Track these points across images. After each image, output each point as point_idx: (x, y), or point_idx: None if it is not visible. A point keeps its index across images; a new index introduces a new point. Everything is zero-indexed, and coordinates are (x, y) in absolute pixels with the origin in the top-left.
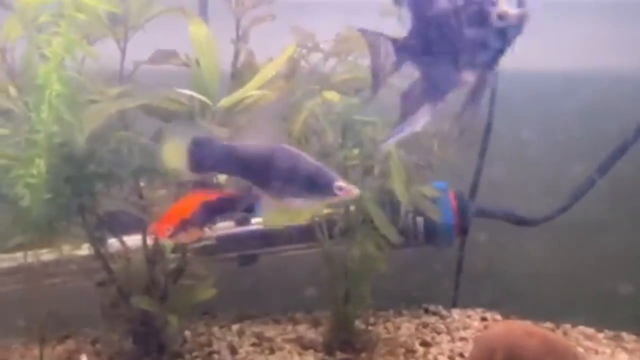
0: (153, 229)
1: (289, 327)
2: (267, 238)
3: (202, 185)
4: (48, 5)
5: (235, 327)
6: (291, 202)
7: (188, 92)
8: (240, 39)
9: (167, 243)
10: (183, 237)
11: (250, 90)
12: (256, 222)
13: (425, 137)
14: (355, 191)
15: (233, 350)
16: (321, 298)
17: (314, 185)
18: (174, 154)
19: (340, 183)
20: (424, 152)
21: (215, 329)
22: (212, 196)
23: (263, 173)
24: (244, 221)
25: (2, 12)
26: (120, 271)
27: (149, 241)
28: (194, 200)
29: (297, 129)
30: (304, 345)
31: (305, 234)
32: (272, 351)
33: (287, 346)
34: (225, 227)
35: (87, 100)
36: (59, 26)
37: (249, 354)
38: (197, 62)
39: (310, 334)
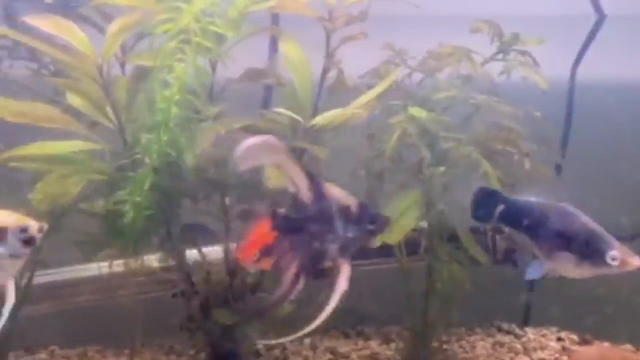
0: (239, 255)
1: (360, 343)
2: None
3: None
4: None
5: (307, 341)
6: (561, 265)
7: (284, 111)
8: (329, 55)
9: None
10: (267, 263)
11: (353, 110)
12: None
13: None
14: (636, 263)
15: None
16: (390, 314)
17: (586, 250)
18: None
19: (615, 252)
20: (514, 170)
21: (287, 343)
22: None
23: (539, 230)
24: None
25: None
26: (201, 283)
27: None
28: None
29: (391, 147)
30: None
31: (380, 250)
32: None
33: None
34: None
35: (196, 120)
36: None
37: None
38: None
39: (385, 351)
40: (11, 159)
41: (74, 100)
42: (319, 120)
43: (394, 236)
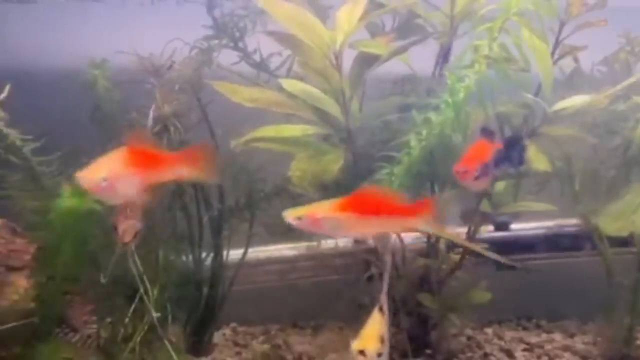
0: (458, 170)
1: (543, 335)
2: (535, 244)
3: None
4: None
5: (488, 330)
6: None
7: (529, 96)
8: (559, 44)
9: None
10: (479, 183)
11: (595, 97)
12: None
13: None
14: None
15: (509, 354)
16: (567, 306)
17: None
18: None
19: None
20: None
21: (468, 331)
22: (498, 145)
23: None
24: (504, 226)
25: None
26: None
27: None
28: (485, 147)
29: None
30: (581, 355)
31: (576, 241)
32: (551, 358)
33: (565, 354)
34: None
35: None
36: None
37: (528, 359)
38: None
39: (574, 344)
40: (251, 140)
41: (292, 86)
42: (561, 105)
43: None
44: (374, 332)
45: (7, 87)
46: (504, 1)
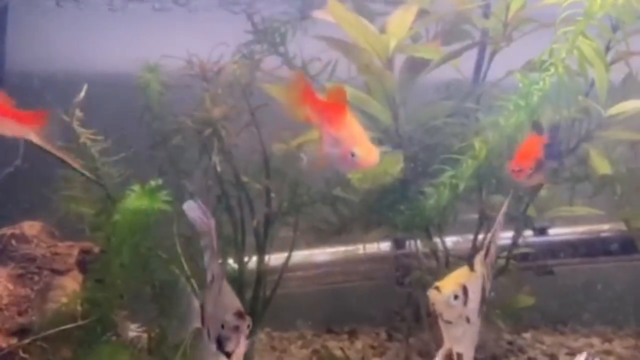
0: (513, 168)
1: (581, 339)
2: (578, 248)
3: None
4: None
5: (526, 335)
6: None
7: (590, 101)
8: (610, 48)
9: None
10: (533, 179)
11: None
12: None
13: None
14: None
15: (554, 358)
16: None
17: None
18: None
19: None
20: None
21: (507, 335)
22: (544, 140)
23: None
24: (543, 231)
25: None
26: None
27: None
28: (537, 143)
29: None
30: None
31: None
32: None
33: (610, 359)
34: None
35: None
36: None
37: None
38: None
39: (614, 348)
40: (303, 143)
41: None
42: (615, 110)
43: None
44: (456, 278)
45: (85, 87)
46: (587, 5)
